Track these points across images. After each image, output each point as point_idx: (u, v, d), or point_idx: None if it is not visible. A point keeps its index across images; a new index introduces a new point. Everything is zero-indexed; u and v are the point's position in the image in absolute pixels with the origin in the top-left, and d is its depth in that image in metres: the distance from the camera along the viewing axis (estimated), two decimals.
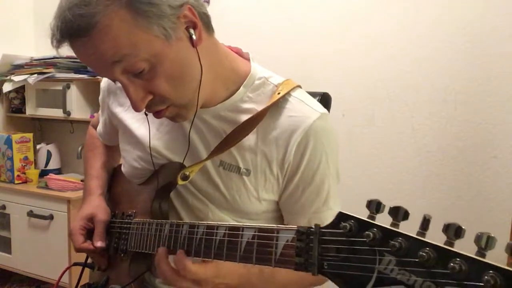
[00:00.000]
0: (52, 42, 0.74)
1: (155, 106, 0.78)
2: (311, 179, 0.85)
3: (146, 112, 0.82)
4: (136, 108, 0.76)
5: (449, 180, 1.94)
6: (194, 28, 0.76)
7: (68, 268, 1.10)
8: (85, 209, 1.03)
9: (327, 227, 0.55)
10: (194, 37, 0.75)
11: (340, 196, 0.92)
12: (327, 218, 0.87)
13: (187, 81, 0.77)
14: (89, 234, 1.00)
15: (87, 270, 1.08)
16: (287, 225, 0.92)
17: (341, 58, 2.13)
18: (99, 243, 0.96)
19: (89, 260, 1.07)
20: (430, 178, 1.98)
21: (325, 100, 1.18)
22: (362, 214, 0.54)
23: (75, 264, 1.09)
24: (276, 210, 0.92)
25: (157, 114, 0.80)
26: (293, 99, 0.86)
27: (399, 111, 2.02)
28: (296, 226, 0.60)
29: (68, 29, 0.70)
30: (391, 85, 2.03)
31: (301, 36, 2.21)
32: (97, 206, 1.02)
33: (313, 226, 0.57)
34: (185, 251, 0.75)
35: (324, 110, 0.87)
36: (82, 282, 1.07)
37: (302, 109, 0.85)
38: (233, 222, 0.89)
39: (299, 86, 0.90)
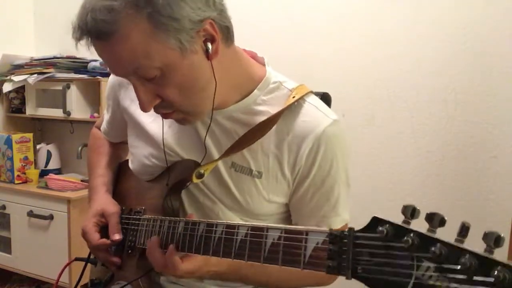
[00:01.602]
0: (72, 37, 0.76)
1: (162, 109, 0.80)
2: (321, 184, 0.87)
3: None
4: (144, 109, 0.79)
5: (449, 180, 1.94)
6: (212, 41, 0.76)
7: (69, 263, 1.09)
8: (94, 206, 1.03)
9: (361, 230, 0.55)
10: (210, 51, 0.76)
11: None
12: (335, 224, 0.88)
13: (196, 92, 0.78)
14: (102, 230, 1.00)
15: (88, 267, 1.08)
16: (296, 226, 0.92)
17: (341, 58, 2.12)
18: (116, 236, 0.95)
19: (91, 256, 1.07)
20: (430, 178, 1.98)
21: (325, 100, 1.17)
22: (363, 214, 0.54)
23: (77, 259, 1.08)
24: (285, 211, 0.93)
25: (164, 116, 0.83)
26: (307, 105, 0.87)
27: (399, 111, 2.02)
28: (328, 229, 0.60)
29: (88, 30, 0.72)
30: (391, 85, 2.03)
31: (301, 36, 2.21)
32: (105, 201, 1.03)
33: (347, 230, 0.57)
34: (202, 250, 0.76)
35: (336, 117, 0.88)
36: (84, 279, 1.06)
37: (315, 114, 0.86)
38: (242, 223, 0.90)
39: (312, 92, 0.91)
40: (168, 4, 0.70)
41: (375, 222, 0.53)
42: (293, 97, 0.86)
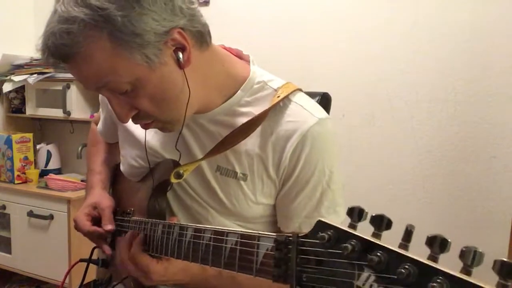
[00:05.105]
0: (41, 58, 0.76)
1: (140, 120, 0.79)
2: (305, 183, 0.84)
3: None
4: (122, 121, 0.78)
5: (449, 180, 1.94)
6: (183, 50, 0.74)
7: (75, 264, 1.10)
8: (88, 199, 1.04)
9: (305, 236, 0.51)
10: (181, 60, 0.74)
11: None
12: None
13: (171, 102, 0.77)
14: (94, 221, 1.00)
15: (91, 267, 1.09)
16: (279, 227, 0.91)
17: (341, 58, 2.13)
18: (109, 226, 0.96)
19: (94, 256, 1.08)
20: (430, 178, 1.98)
21: (325, 100, 1.18)
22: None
23: (81, 260, 1.09)
24: (275, 214, 0.92)
25: (144, 126, 0.82)
26: (293, 104, 0.85)
27: (399, 111, 2.02)
28: (274, 234, 0.56)
29: (52, 54, 0.72)
30: (391, 85, 2.03)
31: (301, 36, 2.21)
32: (100, 195, 1.04)
33: (291, 235, 0.53)
34: (176, 253, 0.76)
35: (323, 115, 0.85)
36: (87, 278, 1.07)
37: (300, 114, 0.84)
38: (233, 226, 0.89)
39: (300, 89, 0.88)
40: (129, 21, 0.67)
41: (320, 226, 0.49)
42: (278, 96, 0.84)
